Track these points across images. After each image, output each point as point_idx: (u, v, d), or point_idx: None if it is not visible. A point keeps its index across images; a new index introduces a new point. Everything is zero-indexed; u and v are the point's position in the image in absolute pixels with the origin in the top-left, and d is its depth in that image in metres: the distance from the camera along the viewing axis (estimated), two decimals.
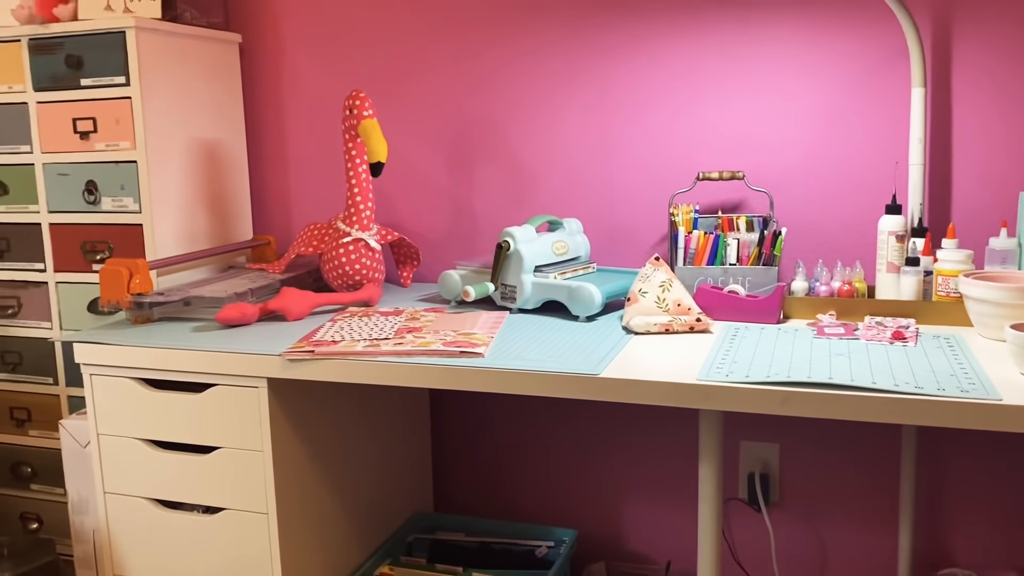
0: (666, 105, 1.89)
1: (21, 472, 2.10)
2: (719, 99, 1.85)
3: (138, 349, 1.55)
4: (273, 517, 1.53)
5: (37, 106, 1.92)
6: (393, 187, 2.14)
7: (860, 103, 1.77)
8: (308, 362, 1.45)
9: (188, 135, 1.98)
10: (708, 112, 1.86)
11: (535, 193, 2.02)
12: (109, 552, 1.66)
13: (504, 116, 2.01)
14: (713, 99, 1.86)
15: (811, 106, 1.80)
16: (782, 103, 1.82)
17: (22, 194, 1.97)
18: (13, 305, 2.02)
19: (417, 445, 2.07)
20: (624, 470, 2.05)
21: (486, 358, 1.40)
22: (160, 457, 1.59)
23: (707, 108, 1.86)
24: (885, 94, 1.75)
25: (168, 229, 1.92)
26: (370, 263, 1.87)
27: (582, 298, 1.62)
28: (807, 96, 1.80)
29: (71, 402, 2.02)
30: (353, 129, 1.80)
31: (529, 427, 2.11)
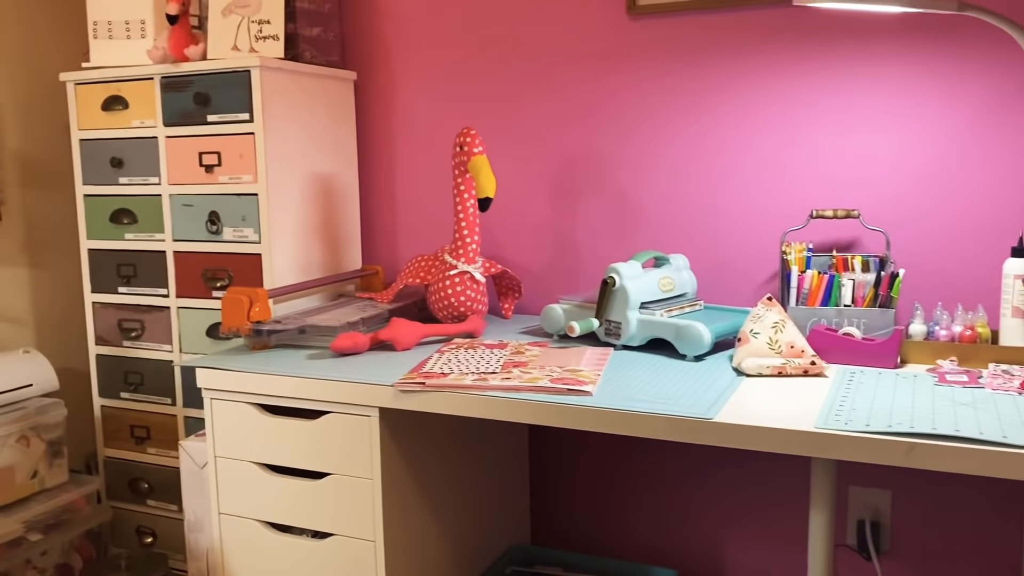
0: (777, 140, 1.87)
1: (139, 487, 2.20)
2: (833, 134, 1.82)
3: (256, 375, 1.61)
4: (380, 545, 1.56)
5: (166, 140, 2.03)
6: (497, 220, 2.17)
7: (984, 139, 1.71)
8: (419, 393, 1.48)
9: (305, 168, 2.06)
10: (821, 147, 1.83)
11: (639, 228, 2.02)
12: (222, 571, 1.72)
13: (609, 151, 2.02)
14: (826, 134, 1.82)
15: (931, 142, 1.75)
16: (900, 139, 1.77)
17: (150, 223, 2.08)
18: (138, 328, 2.13)
19: (516, 477, 2.08)
20: (727, 510, 2.01)
21: (594, 396, 1.40)
22: (273, 481, 1.64)
23: (820, 143, 1.83)
24: (1011, 129, 1.69)
25: (284, 258, 2.00)
26: (475, 295, 1.90)
27: (691, 337, 1.60)
28: (926, 132, 1.75)
29: (188, 423, 2.11)
30: (463, 165, 1.84)
31: (629, 463, 2.09)
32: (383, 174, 2.27)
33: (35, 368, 2.14)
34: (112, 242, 2.13)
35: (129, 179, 2.08)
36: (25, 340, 2.29)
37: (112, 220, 2.12)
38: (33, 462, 2.07)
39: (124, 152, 2.08)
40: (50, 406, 2.12)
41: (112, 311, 2.16)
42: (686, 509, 2.05)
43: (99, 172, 2.12)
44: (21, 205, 2.28)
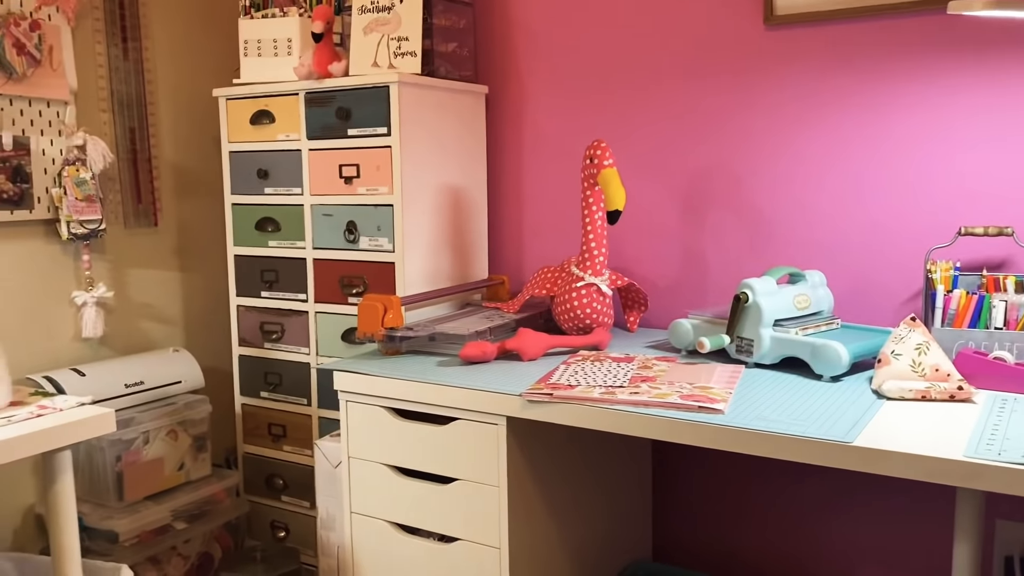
0: (921, 154, 1.79)
1: (274, 483, 2.30)
2: (983, 147, 1.73)
3: (390, 380, 1.66)
4: (505, 552, 1.58)
5: (309, 153, 2.12)
6: (624, 232, 2.16)
7: None
8: (546, 404, 1.49)
9: (437, 180, 2.11)
10: (969, 161, 1.74)
11: (773, 243, 1.97)
12: (351, 568, 1.78)
13: (742, 163, 1.99)
14: (976, 147, 1.73)
15: None
16: None
17: (292, 231, 2.18)
18: (278, 330, 2.24)
19: (638, 492, 2.07)
20: (861, 539, 1.93)
21: (726, 415, 1.37)
22: (403, 483, 1.69)
23: (968, 157, 1.74)
24: None
25: (416, 267, 2.06)
26: (601, 308, 1.90)
27: (827, 357, 1.55)
28: None
29: (321, 423, 2.20)
30: (593, 177, 1.85)
31: (757, 484, 2.04)
32: (511, 186, 2.31)
33: (184, 366, 2.28)
34: (256, 249, 2.24)
35: (274, 189, 2.19)
36: (175, 340, 2.44)
37: (257, 228, 2.23)
38: (180, 455, 2.21)
39: (270, 164, 2.19)
40: (196, 402, 2.25)
41: (255, 314, 2.27)
42: (816, 535, 1.98)
43: (246, 182, 2.24)
44: (175, 213, 2.43)
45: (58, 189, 2.08)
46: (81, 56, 2.17)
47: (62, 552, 1.44)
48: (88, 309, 2.17)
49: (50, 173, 2.09)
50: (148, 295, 2.36)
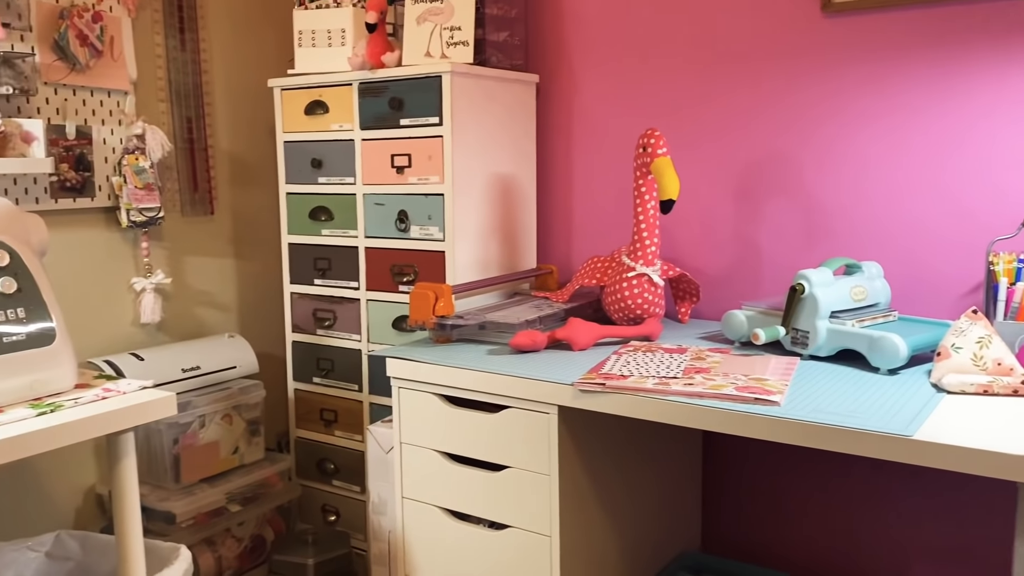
0: (985, 141, 1.75)
1: (326, 468, 2.34)
2: None
3: (442, 368, 1.68)
4: (556, 540, 1.59)
5: (362, 143, 2.14)
6: (676, 222, 2.15)
7: None
8: (599, 394, 1.49)
9: (487, 169, 2.12)
10: None
11: (829, 234, 1.94)
12: (403, 552, 1.80)
13: (798, 152, 1.96)
14: None
15: None
16: None
17: (344, 220, 2.21)
18: (330, 317, 2.27)
19: (688, 483, 2.06)
20: (912, 531, 1.90)
21: (782, 407, 1.36)
22: (455, 470, 1.71)
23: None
24: None
25: (465, 256, 2.07)
26: (652, 298, 1.90)
27: (885, 349, 1.53)
28: None
29: (372, 409, 2.23)
30: (645, 166, 1.84)
31: (808, 477, 2.02)
32: (561, 175, 2.30)
33: (238, 352, 2.32)
34: (310, 237, 2.27)
35: (327, 179, 2.22)
36: (230, 326, 2.49)
37: (311, 217, 2.26)
38: (235, 439, 2.25)
39: (323, 153, 2.22)
40: (251, 387, 2.29)
41: (308, 301, 2.31)
42: (868, 529, 1.95)
43: (300, 172, 2.27)
44: (230, 201, 2.48)
45: (118, 177, 2.13)
46: (140, 47, 2.21)
47: (125, 530, 1.48)
48: (147, 295, 2.22)
49: (110, 162, 2.14)
50: (204, 282, 2.41)
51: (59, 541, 1.89)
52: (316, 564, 2.14)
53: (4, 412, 1.36)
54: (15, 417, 1.34)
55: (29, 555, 1.84)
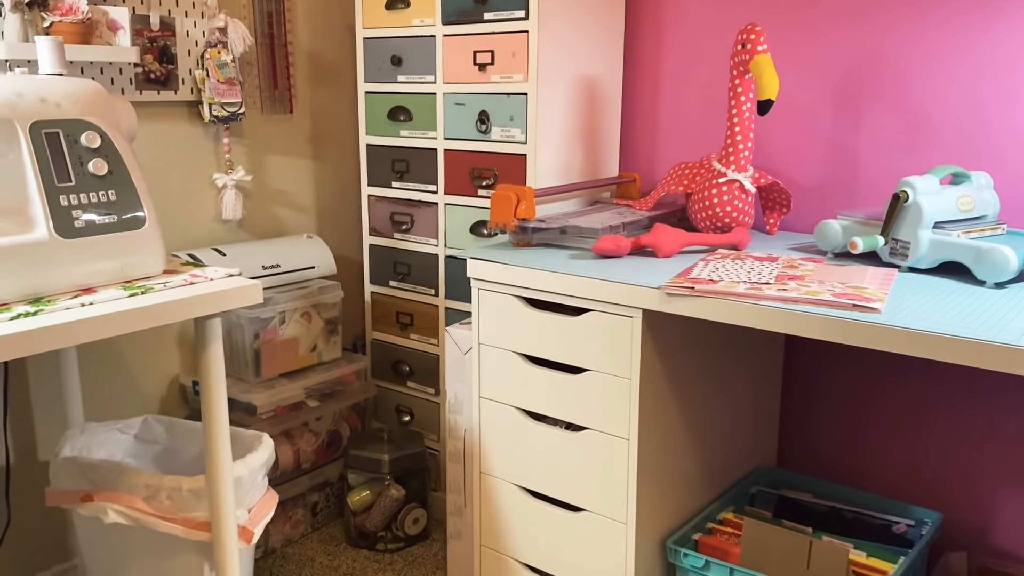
0: None
1: (400, 369, 2.36)
2: None
3: (524, 269, 1.65)
4: (634, 443, 1.58)
5: (443, 39, 2.09)
6: (768, 128, 2.05)
7: None
8: (687, 298, 1.45)
9: (572, 70, 2.04)
10: None
11: (935, 142, 1.83)
12: (478, 451, 1.81)
13: (904, 55, 1.84)
14: None
15: None
16: None
17: (424, 120, 2.17)
18: (407, 221, 2.26)
19: (767, 398, 2.02)
20: (1005, 456, 1.83)
21: (883, 314, 1.30)
22: (533, 372, 1.70)
23: None
24: None
25: (547, 160, 2.02)
26: (742, 206, 1.83)
27: (993, 261, 1.44)
28: None
29: (448, 314, 2.22)
30: (743, 64, 1.75)
31: (892, 392, 1.96)
32: (647, 77, 2.21)
33: (317, 252, 2.33)
34: (388, 138, 2.25)
35: (407, 77, 2.17)
36: (308, 227, 2.50)
37: (389, 117, 2.23)
38: (313, 337, 2.28)
39: (403, 50, 2.17)
40: (329, 288, 2.31)
41: (385, 204, 2.29)
42: (957, 450, 1.89)
43: (379, 70, 2.23)
44: (309, 100, 2.46)
45: (201, 71, 2.12)
46: None
47: (212, 414, 1.51)
48: (228, 191, 2.23)
49: (193, 55, 2.13)
50: (283, 181, 2.42)
51: (147, 425, 1.95)
52: (392, 459, 2.19)
53: (97, 292, 1.38)
54: (108, 297, 1.36)
55: (119, 436, 1.91)
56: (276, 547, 2.24)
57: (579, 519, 1.68)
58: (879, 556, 1.66)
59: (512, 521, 1.78)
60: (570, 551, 1.70)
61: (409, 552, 2.24)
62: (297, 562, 2.20)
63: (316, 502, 2.33)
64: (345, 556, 2.22)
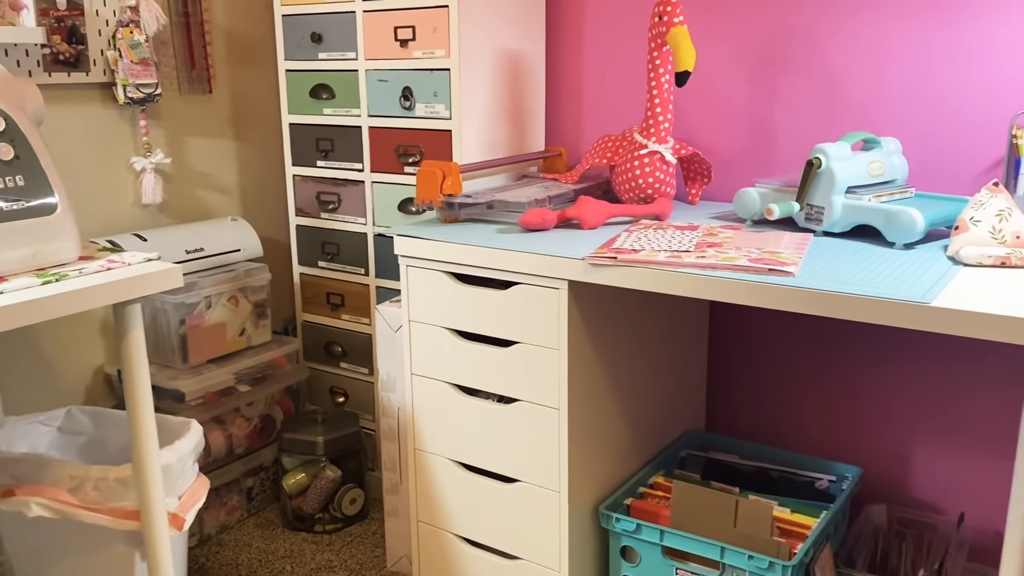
0: (1008, 11, 1.67)
1: (333, 351, 2.35)
2: None
3: (451, 245, 1.65)
4: (564, 413, 1.60)
5: (363, 15, 2.06)
6: (687, 100, 2.09)
7: None
8: (611, 267, 1.47)
9: (495, 45, 2.04)
10: None
11: (846, 109, 1.89)
12: (412, 428, 1.82)
13: (815, 25, 1.88)
14: None
15: None
16: None
17: (347, 98, 2.15)
18: (334, 200, 2.23)
19: (694, 363, 2.07)
20: (920, 412, 1.92)
21: (796, 277, 1.34)
22: (464, 347, 1.71)
23: None
24: None
25: (472, 136, 2.02)
26: (664, 176, 1.86)
27: (901, 223, 1.50)
28: None
29: (378, 292, 2.22)
30: (661, 36, 1.77)
31: (814, 354, 2.02)
32: (570, 53, 2.23)
33: (242, 234, 2.30)
34: (311, 117, 2.22)
35: (328, 54, 2.15)
36: (232, 209, 2.46)
37: (311, 95, 2.20)
38: (241, 320, 2.25)
39: (323, 27, 2.14)
40: (256, 270, 2.28)
41: (311, 184, 2.27)
42: (874, 406, 1.97)
43: (299, 47, 2.19)
44: (228, 80, 2.40)
45: (113, 52, 2.06)
46: None
47: (136, 402, 1.48)
48: (147, 175, 2.18)
49: (104, 35, 2.06)
50: (204, 163, 2.37)
51: (70, 416, 1.91)
52: (326, 441, 2.18)
53: (8, 280, 1.34)
54: (20, 285, 1.32)
55: (41, 429, 1.86)
56: (212, 534, 2.22)
57: (513, 490, 1.70)
58: (802, 512, 1.72)
59: (448, 496, 1.80)
60: (505, 522, 1.73)
61: (347, 532, 2.24)
62: (234, 548, 2.18)
63: (251, 487, 2.31)
64: (283, 539, 2.21)
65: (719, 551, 1.58)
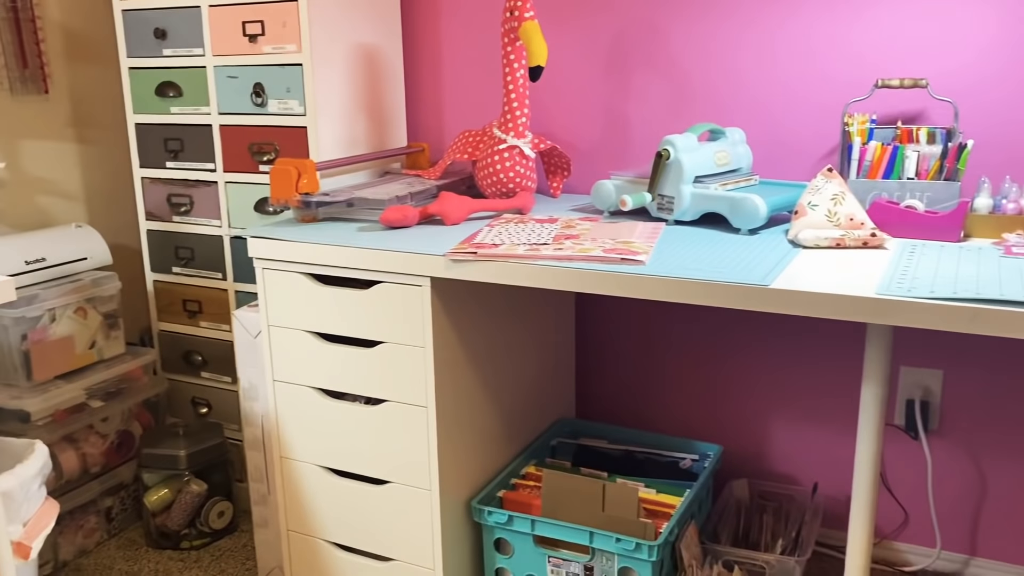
0: (842, 7, 1.78)
1: (193, 360, 2.25)
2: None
3: (308, 245, 1.61)
4: (432, 410, 1.59)
5: (209, 9, 1.98)
6: (546, 95, 2.11)
7: None
8: (471, 263, 1.47)
9: (349, 40, 2.01)
10: (888, 14, 1.74)
11: (695, 102, 1.95)
12: (277, 436, 1.77)
13: (665, 20, 1.94)
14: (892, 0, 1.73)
15: (1004, 5, 1.65)
16: (971, 2, 1.67)
17: (195, 96, 2.06)
18: (186, 203, 2.14)
19: (562, 353, 2.10)
20: (774, 389, 2.02)
21: (647, 265, 1.38)
22: (326, 349, 1.67)
23: (887, 10, 1.74)
24: None
25: (329, 133, 1.98)
26: (524, 171, 1.87)
27: (745, 210, 1.57)
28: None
29: (238, 297, 2.14)
30: (513, 32, 1.78)
31: (674, 339, 2.09)
32: (428, 47, 2.21)
33: (88, 242, 2.17)
34: (158, 116, 2.11)
35: (173, 51, 2.05)
36: (77, 215, 2.32)
37: (157, 94, 2.10)
38: (91, 333, 2.13)
39: (167, 22, 2.04)
40: (104, 279, 2.16)
41: (161, 186, 2.16)
42: (732, 386, 2.06)
43: (143, 44, 2.09)
44: (66, 79, 2.26)
45: None
46: None
47: None
48: None
49: None
50: (43, 168, 2.22)
51: None
52: (189, 455, 2.09)
53: None
54: None
55: None
56: (68, 559, 2.09)
57: (384, 491, 1.68)
58: (667, 491, 1.78)
59: (318, 502, 1.76)
60: (378, 524, 1.70)
61: (216, 547, 2.16)
62: (93, 572, 2.06)
63: (110, 507, 2.19)
64: (147, 559, 2.11)
65: (588, 536, 1.62)
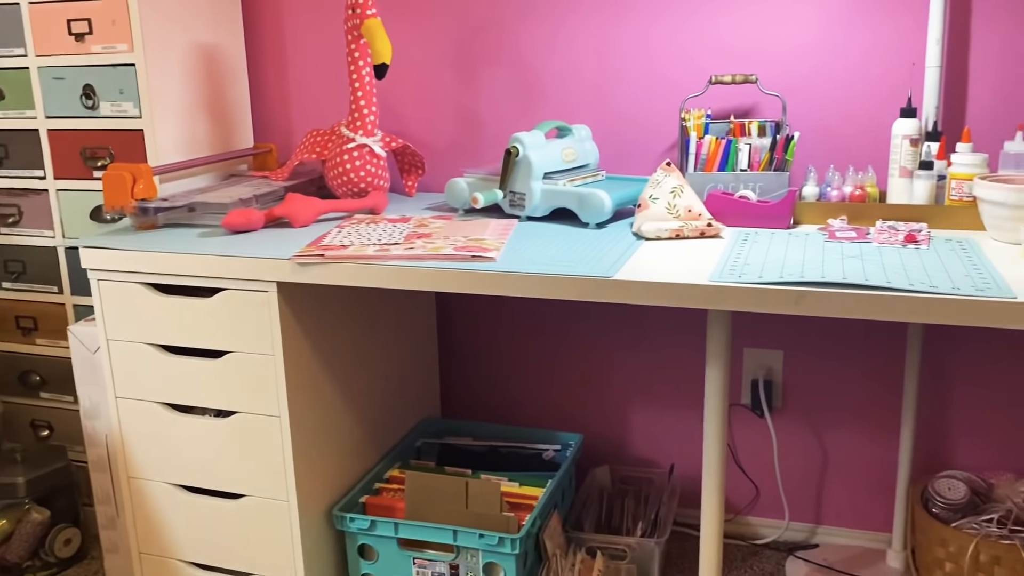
0: (678, 8, 1.84)
1: (30, 380, 2.11)
2: (732, 1, 1.80)
3: (146, 254, 1.54)
4: (286, 420, 1.55)
5: (29, 7, 1.85)
6: (396, 92, 2.09)
7: (877, 3, 1.72)
8: (318, 266, 1.44)
9: (186, 39, 1.92)
10: (721, 14, 1.82)
11: (543, 99, 1.98)
12: (123, 455, 1.68)
13: (512, 19, 1.96)
14: (726, 1, 1.81)
15: (826, 7, 1.75)
16: (796, 4, 1.77)
17: (18, 99, 1.92)
18: (14, 213, 2.00)
19: (424, 352, 2.09)
20: (629, 377, 2.07)
21: (497, 262, 1.39)
22: (170, 362, 1.60)
23: (720, 10, 1.81)
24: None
25: (169, 135, 1.89)
26: (375, 170, 1.85)
27: (592, 205, 1.60)
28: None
29: (77, 311, 2.02)
30: (356, 29, 1.75)
31: (534, 334, 2.12)
32: (272, 46, 2.15)
33: None
34: None
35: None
36: None
37: None
38: None
39: None
40: None
41: None
42: (591, 377, 2.10)
43: None
44: None
45: None
46: None
47: None
48: None
49: None
50: None
51: None
52: (28, 481, 1.95)
53: None
54: None
55: None
56: None
57: (240, 506, 1.62)
58: (530, 483, 1.80)
59: (171, 522, 1.68)
60: (235, 540, 1.64)
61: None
62: None
63: None
64: None
65: (452, 535, 1.61)
